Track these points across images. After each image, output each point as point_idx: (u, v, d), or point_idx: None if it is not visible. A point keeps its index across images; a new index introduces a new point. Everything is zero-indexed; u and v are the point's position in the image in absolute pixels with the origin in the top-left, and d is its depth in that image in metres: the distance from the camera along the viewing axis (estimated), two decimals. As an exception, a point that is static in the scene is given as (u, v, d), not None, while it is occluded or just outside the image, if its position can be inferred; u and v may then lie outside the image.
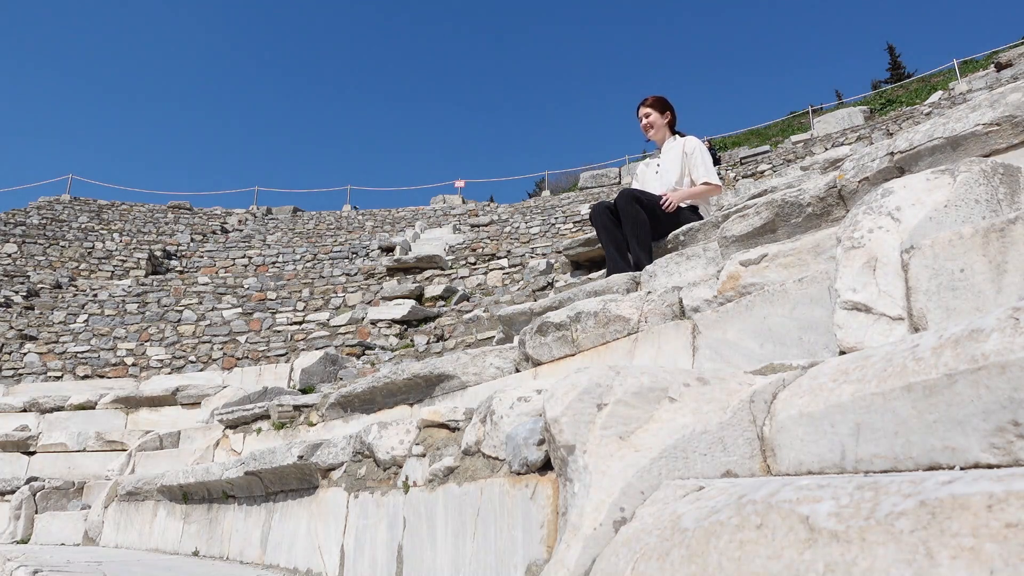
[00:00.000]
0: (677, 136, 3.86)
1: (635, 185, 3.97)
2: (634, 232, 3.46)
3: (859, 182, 1.97)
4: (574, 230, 12.82)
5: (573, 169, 22.78)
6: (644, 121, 3.88)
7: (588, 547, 0.85)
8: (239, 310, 10.61)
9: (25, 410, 7.29)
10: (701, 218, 3.64)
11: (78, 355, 9.95)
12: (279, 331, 9.82)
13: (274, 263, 13.69)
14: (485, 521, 1.28)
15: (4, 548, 4.03)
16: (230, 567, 2.50)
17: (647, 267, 2.90)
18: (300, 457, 2.20)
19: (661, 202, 3.60)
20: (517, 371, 2.63)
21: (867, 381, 0.72)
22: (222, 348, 9.72)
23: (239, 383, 7.75)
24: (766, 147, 17.12)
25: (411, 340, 8.55)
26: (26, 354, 9.96)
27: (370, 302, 10.15)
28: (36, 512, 5.08)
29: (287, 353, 9.14)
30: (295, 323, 10.06)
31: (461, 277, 11.03)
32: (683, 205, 3.61)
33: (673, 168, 3.74)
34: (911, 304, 1.12)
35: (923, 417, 0.65)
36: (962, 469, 0.61)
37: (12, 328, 10.48)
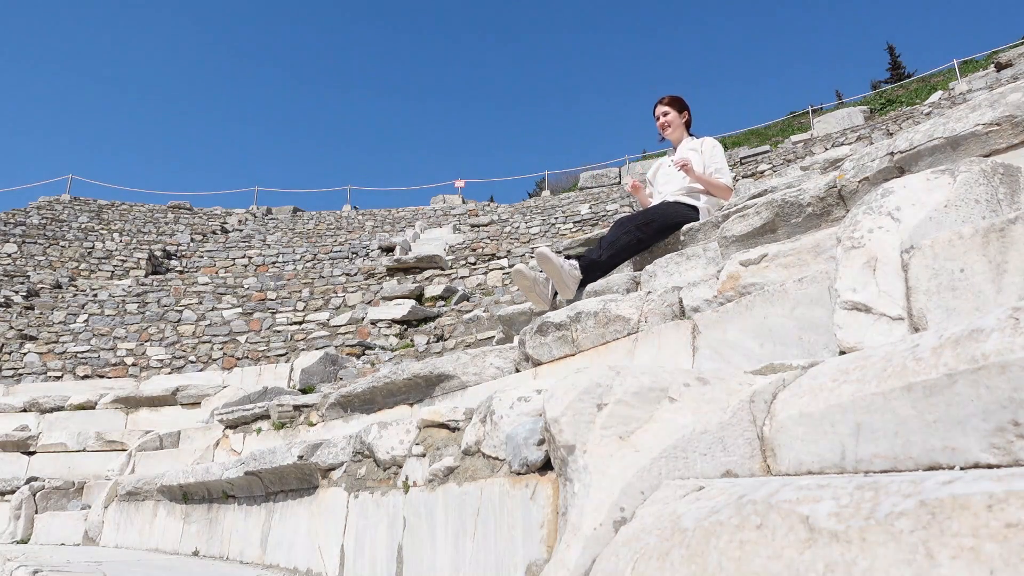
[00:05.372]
0: (693, 137, 3.83)
1: (648, 176, 3.95)
2: (614, 246, 3.31)
3: (859, 182, 1.97)
4: (574, 230, 12.83)
5: (573, 169, 22.78)
6: (662, 119, 3.82)
7: (588, 547, 0.85)
8: (239, 310, 10.61)
9: (25, 410, 7.29)
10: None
11: (78, 355, 9.95)
12: (279, 331, 9.82)
13: (274, 263, 13.69)
14: (485, 521, 1.28)
15: (4, 548, 4.03)
16: (230, 567, 2.50)
17: (647, 267, 2.89)
18: (300, 457, 2.20)
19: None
20: (517, 371, 2.63)
21: (867, 381, 0.72)
22: (222, 348, 9.72)
23: (239, 383, 7.75)
24: (766, 147, 17.12)
25: (411, 340, 8.55)
26: (26, 354, 9.96)
27: (370, 302, 10.15)
28: (36, 512, 5.08)
29: (287, 353, 9.14)
30: (295, 323, 10.06)
31: (461, 277, 11.03)
32: (684, 201, 3.51)
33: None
34: (911, 304, 1.12)
35: (923, 417, 0.65)
36: (962, 469, 0.61)
37: (12, 328, 10.48)
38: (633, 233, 3.29)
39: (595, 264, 3.19)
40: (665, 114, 3.82)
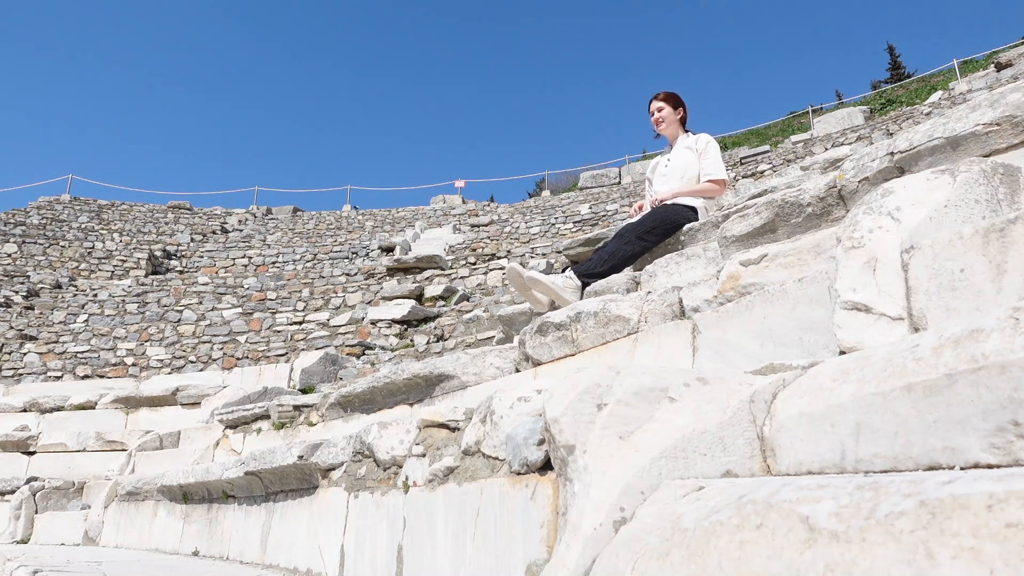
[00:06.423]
0: (689, 133, 3.79)
1: (647, 174, 3.94)
2: (618, 246, 3.32)
3: (859, 182, 1.97)
4: (574, 230, 12.83)
5: (573, 169, 22.79)
6: (656, 115, 3.77)
7: (588, 547, 0.85)
8: (239, 310, 10.60)
9: (25, 410, 7.28)
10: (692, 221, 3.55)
11: (78, 355, 9.95)
12: (279, 331, 9.82)
13: (274, 263, 13.69)
14: (485, 521, 1.28)
15: (4, 548, 4.03)
16: (230, 567, 2.50)
17: (647, 267, 2.89)
18: (300, 457, 2.20)
19: (652, 200, 3.53)
20: (517, 371, 2.63)
21: (867, 381, 0.72)
22: (222, 348, 9.72)
23: (239, 383, 7.75)
24: (766, 147, 17.13)
25: (411, 340, 8.55)
26: (26, 354, 9.96)
27: (370, 302, 10.15)
28: (36, 512, 5.08)
29: (287, 353, 9.14)
30: (295, 323, 10.06)
31: (461, 277, 11.03)
32: (682, 202, 3.48)
33: (682, 164, 3.65)
34: (911, 304, 1.12)
35: (923, 417, 0.65)
36: (962, 469, 0.61)
37: (12, 328, 10.47)
38: (635, 244, 3.28)
39: (593, 276, 3.18)
40: (660, 110, 3.77)
